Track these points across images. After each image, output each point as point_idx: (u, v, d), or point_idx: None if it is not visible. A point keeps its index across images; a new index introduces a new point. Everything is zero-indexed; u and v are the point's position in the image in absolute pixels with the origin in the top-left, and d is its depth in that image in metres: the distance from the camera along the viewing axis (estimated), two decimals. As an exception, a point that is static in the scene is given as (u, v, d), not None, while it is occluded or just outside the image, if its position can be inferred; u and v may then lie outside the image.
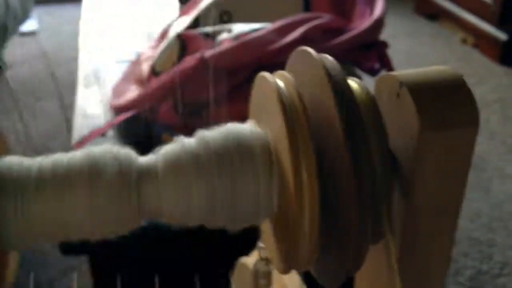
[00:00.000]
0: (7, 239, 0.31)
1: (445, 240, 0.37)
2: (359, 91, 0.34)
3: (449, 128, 0.32)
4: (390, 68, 1.08)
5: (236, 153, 0.33)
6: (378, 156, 0.32)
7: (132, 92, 1.09)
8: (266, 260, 0.47)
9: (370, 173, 0.31)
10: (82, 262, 1.20)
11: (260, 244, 0.47)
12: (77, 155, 0.32)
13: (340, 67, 0.32)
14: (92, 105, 1.14)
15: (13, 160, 0.32)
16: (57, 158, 0.32)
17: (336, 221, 0.32)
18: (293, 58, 0.36)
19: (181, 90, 1.00)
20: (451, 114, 0.33)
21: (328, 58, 0.33)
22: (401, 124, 0.34)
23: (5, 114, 1.65)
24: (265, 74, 0.34)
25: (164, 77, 1.03)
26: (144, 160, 0.34)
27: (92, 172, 0.32)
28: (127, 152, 0.34)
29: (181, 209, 0.33)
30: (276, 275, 0.52)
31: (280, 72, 0.34)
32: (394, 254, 0.32)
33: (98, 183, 0.31)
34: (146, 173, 0.33)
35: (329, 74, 0.31)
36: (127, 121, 1.04)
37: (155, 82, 1.04)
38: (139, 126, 1.04)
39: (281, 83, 0.33)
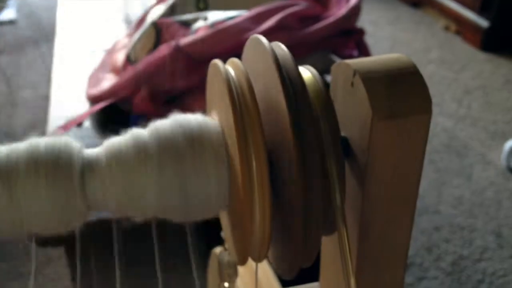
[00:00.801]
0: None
1: (402, 229, 0.37)
2: (312, 80, 0.33)
3: (402, 116, 0.32)
4: (367, 55, 1.07)
5: (187, 144, 0.32)
6: (330, 145, 0.32)
7: (108, 81, 1.07)
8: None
9: (320, 162, 0.30)
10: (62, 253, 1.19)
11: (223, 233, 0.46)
12: (20, 147, 0.31)
13: (292, 57, 0.32)
14: (68, 95, 1.12)
15: None
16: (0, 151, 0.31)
17: (287, 212, 0.32)
18: (247, 46, 0.36)
19: (156, 79, 0.99)
20: (403, 103, 0.32)
21: (281, 46, 0.33)
22: (355, 113, 0.33)
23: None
24: (217, 61, 0.33)
25: (138, 66, 1.01)
26: (90, 151, 0.33)
27: (33, 168, 0.31)
28: (70, 143, 0.33)
29: (129, 202, 0.32)
30: (248, 266, 0.51)
31: (232, 59, 0.34)
32: (346, 246, 0.31)
33: (39, 179, 0.30)
34: (91, 165, 0.32)
35: (277, 63, 0.30)
36: (103, 111, 1.03)
37: (130, 71, 1.03)
38: (115, 115, 1.03)
39: (231, 72, 0.33)
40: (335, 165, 0.31)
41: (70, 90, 1.14)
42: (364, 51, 1.09)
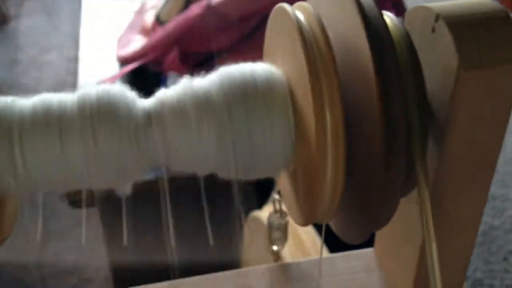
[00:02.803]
0: (3, 186, 0.29)
1: (478, 194, 0.34)
2: (392, 27, 0.30)
3: (491, 66, 0.29)
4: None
5: (251, 95, 0.30)
6: (414, 100, 0.29)
7: (137, 43, 1.05)
8: (281, 213, 0.44)
9: (404, 119, 0.28)
10: (92, 215, 1.19)
11: (275, 196, 0.44)
12: (73, 99, 0.29)
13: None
14: (97, 57, 1.10)
15: (4, 101, 0.29)
16: (50, 100, 0.29)
17: (363, 172, 0.29)
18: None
19: (187, 40, 0.97)
20: (492, 51, 0.29)
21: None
22: (436, 62, 0.30)
23: (9, 67, 1.61)
24: (283, 4, 0.30)
25: (169, 27, 0.99)
26: (149, 102, 0.31)
27: (88, 117, 0.28)
28: (129, 95, 0.30)
29: (189, 156, 0.30)
30: (291, 230, 0.49)
31: (300, 3, 0.31)
32: (429, 208, 0.29)
33: (96, 129, 0.28)
34: (150, 117, 0.30)
35: (359, 5, 0.27)
36: (133, 72, 1.01)
37: (160, 32, 1.01)
38: (145, 77, 1.01)
39: (300, 15, 0.30)
40: (419, 119, 0.28)
41: (99, 52, 1.12)
42: (402, 12, 1.04)
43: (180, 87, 0.31)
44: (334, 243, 0.40)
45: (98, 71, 1.05)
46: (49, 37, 1.87)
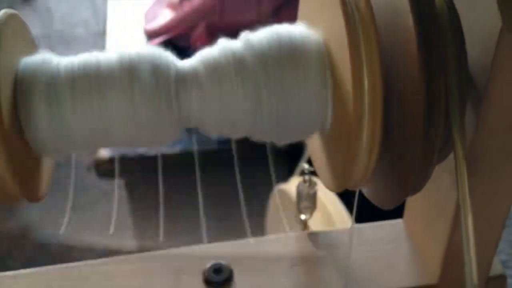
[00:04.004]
0: (39, 143, 0.29)
1: (516, 161, 0.33)
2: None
3: (536, 29, 0.28)
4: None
5: (286, 56, 0.29)
6: (454, 63, 0.28)
7: (164, 17, 1.05)
8: (310, 182, 0.44)
9: (444, 81, 0.27)
10: (119, 187, 1.21)
11: (304, 165, 0.44)
12: (111, 57, 0.29)
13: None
14: (125, 31, 1.11)
15: (41, 58, 0.29)
16: (88, 59, 0.29)
17: (400, 135, 0.29)
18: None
19: (214, 14, 0.97)
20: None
21: None
22: (477, 23, 0.29)
23: (37, 42, 1.63)
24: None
25: (196, 1, 0.99)
26: (184, 63, 0.31)
27: (127, 75, 0.29)
28: (164, 54, 0.30)
29: (223, 118, 0.30)
30: (319, 203, 0.49)
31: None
32: (465, 177, 0.28)
33: (134, 87, 0.28)
34: (186, 77, 0.30)
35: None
36: (160, 46, 1.01)
37: (187, 6, 1.01)
38: (172, 51, 1.01)
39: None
40: (458, 83, 0.28)
41: (126, 26, 1.12)
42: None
43: (217, 48, 0.31)
44: (359, 216, 0.39)
45: (125, 46, 1.05)
46: (76, 12, 1.88)
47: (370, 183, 0.32)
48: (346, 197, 0.60)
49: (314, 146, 0.35)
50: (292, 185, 0.64)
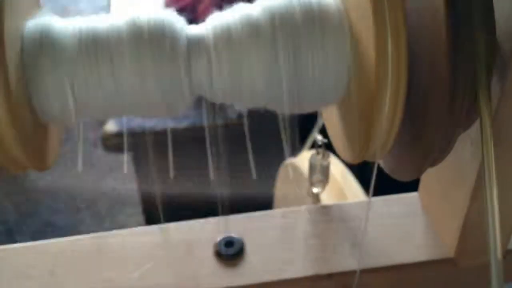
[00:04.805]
0: (46, 110, 0.28)
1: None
2: None
3: None
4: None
5: (303, 21, 0.28)
6: (481, 29, 0.26)
7: (170, -11, 1.03)
8: (324, 154, 0.43)
9: (470, 46, 0.26)
10: (125, 163, 1.21)
11: (317, 137, 0.43)
12: (120, 21, 0.28)
13: None
14: (129, 4, 1.09)
15: (48, 20, 0.28)
16: (97, 23, 0.28)
17: (424, 102, 0.27)
18: None
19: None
20: None
21: None
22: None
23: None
24: None
25: (203, -29, 0.97)
26: (194, 28, 0.29)
27: (137, 39, 0.27)
28: (176, 18, 0.29)
29: (235, 86, 0.29)
30: (331, 181, 0.48)
31: None
32: (491, 144, 0.27)
33: (144, 51, 0.27)
34: (197, 43, 0.28)
35: None
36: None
37: (194, -23, 0.98)
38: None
39: None
40: (485, 48, 0.26)
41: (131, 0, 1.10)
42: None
43: (231, 13, 0.29)
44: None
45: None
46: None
47: (389, 154, 0.31)
48: (356, 171, 0.59)
49: (330, 115, 0.34)
50: (302, 159, 0.63)
